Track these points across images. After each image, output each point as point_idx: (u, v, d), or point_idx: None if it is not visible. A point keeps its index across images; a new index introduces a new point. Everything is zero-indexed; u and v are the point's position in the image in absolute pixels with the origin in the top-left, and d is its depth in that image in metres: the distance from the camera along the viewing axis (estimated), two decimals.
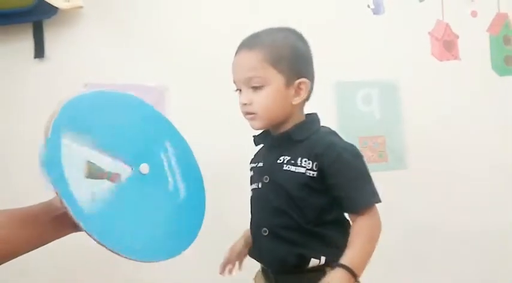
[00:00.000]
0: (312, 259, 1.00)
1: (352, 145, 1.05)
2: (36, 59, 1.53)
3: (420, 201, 1.70)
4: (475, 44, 1.79)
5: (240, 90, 1.07)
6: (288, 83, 1.04)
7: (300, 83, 1.05)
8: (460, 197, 1.73)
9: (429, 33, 1.76)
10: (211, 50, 1.58)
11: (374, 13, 1.72)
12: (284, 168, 1.02)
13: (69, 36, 1.54)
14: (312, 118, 1.10)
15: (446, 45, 1.77)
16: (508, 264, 1.76)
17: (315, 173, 1.00)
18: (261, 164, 1.10)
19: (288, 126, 1.07)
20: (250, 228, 1.10)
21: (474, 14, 1.79)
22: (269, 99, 1.03)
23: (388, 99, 1.71)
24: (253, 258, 1.11)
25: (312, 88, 1.08)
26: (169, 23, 1.60)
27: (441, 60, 1.77)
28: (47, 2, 1.46)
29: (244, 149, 1.20)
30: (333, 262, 0.98)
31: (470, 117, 1.76)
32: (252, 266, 1.11)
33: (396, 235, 1.60)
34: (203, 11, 1.62)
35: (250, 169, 1.13)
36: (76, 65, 1.54)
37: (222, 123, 1.55)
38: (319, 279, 0.95)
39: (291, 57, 1.05)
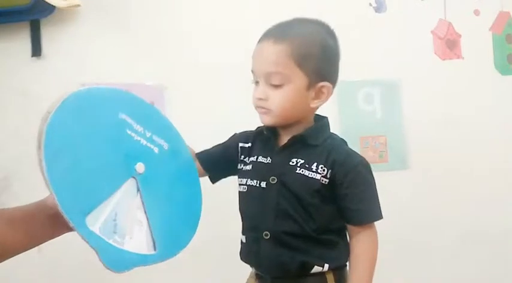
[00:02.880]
0: (315, 267, 0.97)
1: (365, 159, 1.02)
2: (33, 58, 1.52)
3: (421, 201, 1.68)
4: (478, 43, 1.78)
5: (257, 82, 0.99)
6: (310, 85, 0.97)
7: (322, 87, 0.98)
8: (462, 197, 1.72)
9: (432, 32, 1.75)
10: (210, 49, 1.58)
11: (376, 11, 1.71)
12: (297, 171, 0.98)
13: (67, 34, 1.53)
14: (324, 122, 1.05)
15: (449, 44, 1.75)
16: (510, 264, 1.74)
17: (327, 181, 0.97)
18: (266, 160, 1.02)
19: (299, 127, 1.01)
20: (245, 228, 1.04)
21: (477, 12, 1.78)
22: (287, 98, 0.96)
23: (390, 99, 1.69)
24: (246, 262, 1.04)
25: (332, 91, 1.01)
26: (167, 22, 1.59)
27: (444, 59, 1.75)
28: (45, 1, 1.44)
29: None
30: (335, 268, 0.98)
31: (473, 116, 1.75)
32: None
33: (397, 235, 1.58)
34: (201, 9, 1.61)
35: (249, 163, 1.05)
36: (73, 64, 1.53)
37: (221, 122, 1.53)
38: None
39: (318, 57, 0.97)
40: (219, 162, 1.10)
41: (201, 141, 1.53)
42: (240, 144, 1.08)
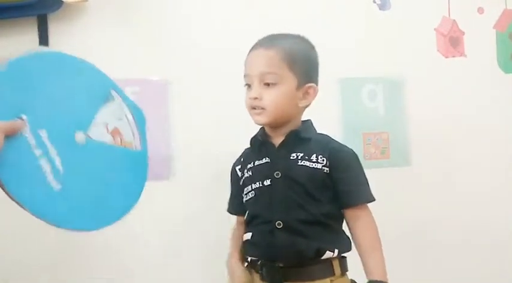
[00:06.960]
0: (327, 252, 1.03)
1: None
2: None
3: (423, 198, 1.69)
4: (481, 41, 1.78)
5: (249, 86, 1.10)
6: (299, 86, 1.09)
7: (309, 87, 1.10)
8: (464, 194, 1.72)
9: (435, 29, 1.75)
10: (214, 44, 1.58)
11: (380, 9, 1.71)
12: (299, 163, 1.06)
13: (74, 29, 1.53)
14: (310, 122, 1.16)
15: (452, 41, 1.76)
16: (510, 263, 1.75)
17: (328, 169, 1.06)
18: (263, 161, 1.10)
19: (288, 128, 1.11)
20: (254, 225, 1.09)
21: (481, 10, 1.78)
22: (279, 97, 1.07)
23: (393, 96, 1.70)
24: (253, 256, 1.09)
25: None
26: (173, 17, 1.59)
27: (447, 57, 1.76)
28: None
29: (247, 144, 1.20)
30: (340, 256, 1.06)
31: (475, 114, 1.75)
32: None
33: (398, 232, 1.59)
34: (207, 5, 1.62)
35: (247, 170, 1.13)
36: None
37: (224, 117, 1.55)
38: (326, 269, 1.03)
39: (304, 62, 1.11)
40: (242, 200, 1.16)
41: (205, 136, 1.55)
42: (237, 168, 1.18)
